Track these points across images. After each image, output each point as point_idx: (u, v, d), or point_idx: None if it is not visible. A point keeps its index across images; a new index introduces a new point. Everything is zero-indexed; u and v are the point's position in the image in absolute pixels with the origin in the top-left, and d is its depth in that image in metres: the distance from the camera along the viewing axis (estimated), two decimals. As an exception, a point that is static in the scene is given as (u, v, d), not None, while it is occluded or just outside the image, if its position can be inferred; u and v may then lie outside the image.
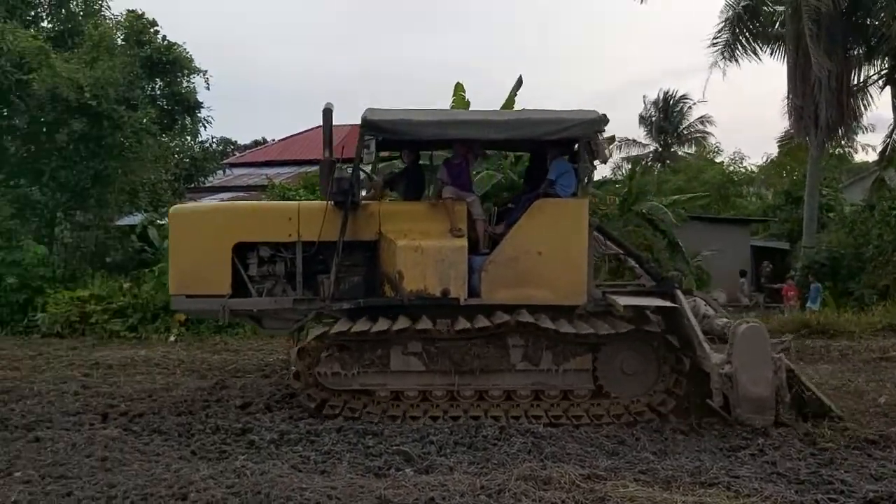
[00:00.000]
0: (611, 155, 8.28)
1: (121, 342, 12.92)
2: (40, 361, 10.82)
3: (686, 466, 5.76)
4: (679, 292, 7.65)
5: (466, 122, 7.91)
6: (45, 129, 14.67)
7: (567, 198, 7.68)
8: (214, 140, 19.11)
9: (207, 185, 20.03)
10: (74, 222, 15.39)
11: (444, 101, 15.11)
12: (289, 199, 15.18)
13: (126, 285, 13.70)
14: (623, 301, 7.33)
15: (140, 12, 15.54)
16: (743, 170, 39.98)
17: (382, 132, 7.49)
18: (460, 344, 7.33)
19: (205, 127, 17.23)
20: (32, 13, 16.73)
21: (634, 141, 42.66)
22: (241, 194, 23.00)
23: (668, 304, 7.45)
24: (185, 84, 15.84)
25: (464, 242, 7.50)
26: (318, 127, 31.05)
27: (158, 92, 15.91)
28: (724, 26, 22.36)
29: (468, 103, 14.96)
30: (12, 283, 13.24)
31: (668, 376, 7.36)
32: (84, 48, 14.83)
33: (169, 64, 15.38)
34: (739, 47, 22.48)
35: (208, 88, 16.48)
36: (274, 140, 38.63)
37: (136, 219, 17.22)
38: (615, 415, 7.26)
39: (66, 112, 13.67)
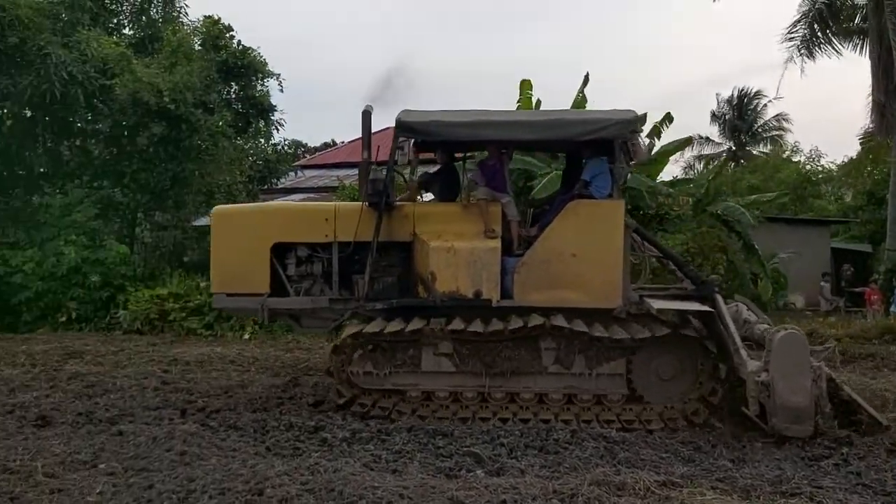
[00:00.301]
0: (649, 155, 7.84)
1: (197, 339, 13.31)
2: (122, 357, 11.21)
3: (766, 475, 5.60)
4: (718, 296, 7.45)
5: (499, 122, 7.77)
6: (126, 133, 15.22)
7: (602, 199, 7.57)
8: (286, 142, 19.50)
9: (279, 186, 20.44)
10: (154, 223, 15.92)
11: (511, 100, 15.02)
12: (355, 198, 15.32)
13: (202, 284, 14.07)
14: (658, 304, 7.24)
15: (216, 18, 16.01)
16: (820, 168, 38.63)
17: (416, 133, 7.54)
18: (491, 346, 7.30)
19: (277, 129, 17.64)
20: (115, 21, 17.38)
21: (707, 139, 41.70)
22: (311, 195, 23.40)
23: (704, 308, 7.26)
24: (258, 88, 16.23)
25: (497, 244, 7.44)
26: (386, 129, 31.53)
27: (233, 96, 16.32)
28: (801, 20, 21.63)
29: (536, 102, 14.87)
30: (96, 281, 13.76)
31: (704, 383, 7.20)
32: (163, 54, 15.32)
33: (244, 68, 15.77)
34: (817, 42, 21.72)
35: (281, 91, 16.90)
36: (343, 142, 39.19)
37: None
38: (646, 420, 7.15)
39: (147, 116, 14.14)
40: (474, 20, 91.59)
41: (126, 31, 17.63)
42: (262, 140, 17.75)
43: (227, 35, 15.89)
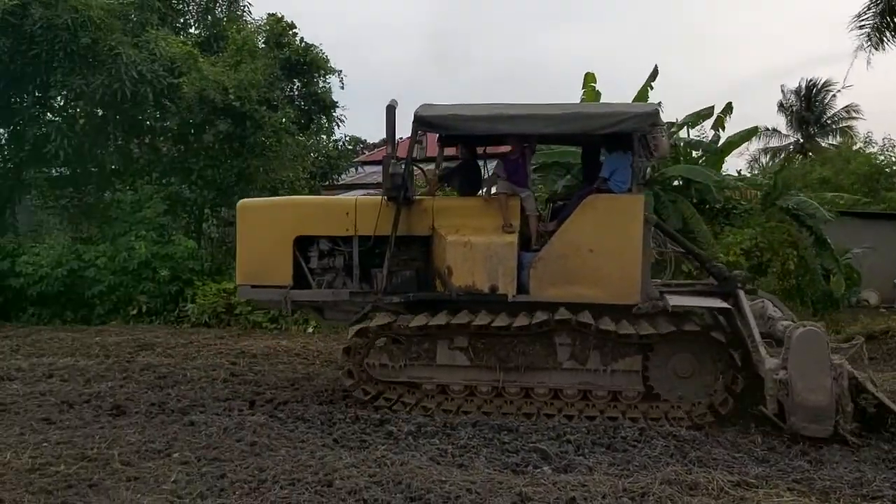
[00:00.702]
0: (670, 149, 7.58)
1: (263, 332, 13.54)
2: (191, 349, 11.47)
3: (845, 477, 5.41)
4: (741, 292, 7.27)
5: (517, 116, 7.59)
6: (192, 130, 15.56)
7: (621, 193, 7.43)
8: (347, 138, 19.66)
9: (340, 182, 20.64)
10: (220, 218, 16.24)
11: (575, 93, 14.86)
12: (424, 194, 15.36)
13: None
14: (675, 301, 7.08)
15: (280, 16, 16.25)
16: (895, 159, 37.14)
17: (434, 128, 7.61)
18: (506, 340, 7.28)
19: (338, 126, 17.81)
20: (181, 20, 17.80)
21: (775, 130, 40.54)
22: (371, 191, 23.57)
23: (720, 304, 7.09)
24: (321, 84, 16.43)
25: (513, 239, 7.38)
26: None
27: (296, 92, 16.56)
28: (871, 7, 20.75)
29: (599, 94, 14.67)
30: (165, 275, 14.11)
31: (721, 382, 7.03)
32: (228, 52, 15.62)
33: (306, 65, 15.97)
34: (888, 31, 20.81)
35: (342, 88, 17.08)
36: (402, 138, 39.28)
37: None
38: (657, 418, 7.03)
39: (213, 113, 14.43)
40: (538, 13, 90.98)
41: (192, 30, 18.03)
42: (324, 136, 17.96)
43: (291, 32, 16.12)
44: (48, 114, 15.54)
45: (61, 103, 15.59)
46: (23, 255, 14.73)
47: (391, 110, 7.51)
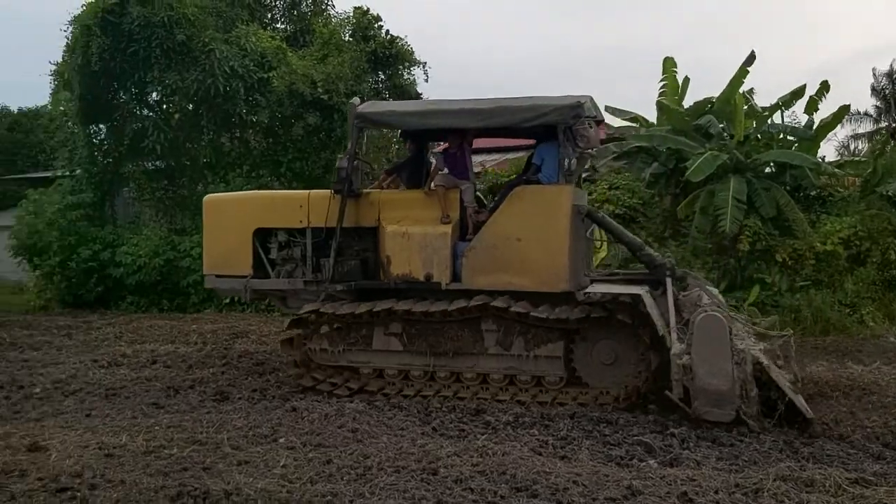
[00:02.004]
0: (598, 140, 7.89)
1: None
2: (285, 337, 11.72)
3: (971, 476, 5.13)
4: (669, 280, 7.28)
5: (445, 111, 7.90)
6: (281, 124, 15.86)
7: (549, 184, 7.58)
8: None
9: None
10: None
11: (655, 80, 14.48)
12: (500, 185, 15.31)
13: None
14: (592, 289, 7.25)
15: (365, 9, 16.36)
16: None
17: (372, 123, 8.09)
18: (436, 326, 7.58)
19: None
20: (269, 16, 18.17)
21: (865, 114, 38.68)
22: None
23: (630, 291, 7.14)
24: (405, 76, 16.50)
25: (447, 229, 7.64)
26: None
27: (381, 85, 16.69)
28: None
29: (682, 80, 14.29)
30: (256, 265, 14.43)
31: (644, 365, 7.16)
32: (315, 46, 15.87)
33: (391, 57, 16.08)
34: None
35: (427, 80, 17.14)
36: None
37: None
38: (581, 403, 7.18)
39: (302, 107, 14.70)
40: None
41: (279, 25, 18.38)
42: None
43: (376, 25, 16.25)
44: (145, 109, 16.11)
45: (157, 99, 16.14)
46: (122, 246, 15.36)
47: (353, 108, 7.90)
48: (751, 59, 13.50)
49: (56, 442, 6.05)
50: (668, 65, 14.42)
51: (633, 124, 15.06)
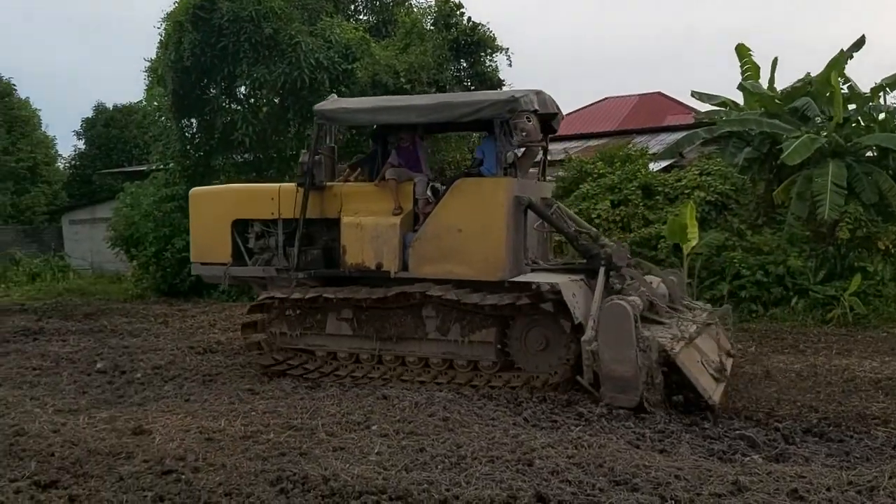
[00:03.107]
0: (538, 133, 7.75)
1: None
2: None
3: None
4: (602, 269, 7.43)
5: (391, 107, 8.35)
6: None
7: (490, 176, 7.84)
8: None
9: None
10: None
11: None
12: (585, 172, 15.07)
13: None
14: (520, 278, 7.46)
15: (447, -3, 16.28)
16: None
17: (327, 119, 8.36)
18: (382, 312, 7.96)
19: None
20: (352, 7, 18.31)
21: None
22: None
23: (552, 280, 7.23)
24: (488, 63, 16.37)
25: (397, 220, 7.97)
26: (603, 100, 30.75)
27: (463, 73, 16.60)
28: None
29: (771, 63, 13.79)
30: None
31: (568, 354, 7.25)
32: (398, 35, 15.90)
33: (473, 45, 15.96)
34: None
35: (510, 65, 16.92)
36: (559, 115, 38.61)
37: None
38: (512, 386, 7.39)
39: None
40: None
41: (361, 16, 18.51)
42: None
43: (458, 12, 16.15)
44: (233, 103, 16.48)
45: (245, 92, 16.48)
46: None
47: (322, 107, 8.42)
48: (859, 43, 12.88)
49: (159, 425, 6.25)
50: (743, 51, 13.97)
51: (721, 108, 14.60)
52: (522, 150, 8.11)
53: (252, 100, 16.48)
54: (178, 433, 6.04)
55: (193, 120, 16.58)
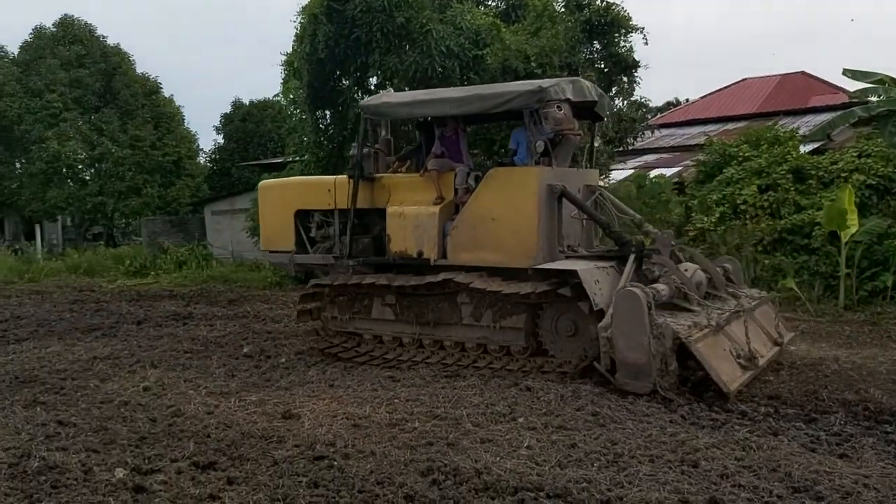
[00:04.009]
0: (568, 122, 7.76)
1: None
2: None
3: None
4: (632, 257, 7.42)
5: (427, 101, 8.54)
6: (494, 101, 15.76)
7: (522, 165, 8.06)
8: (642, 100, 18.72)
9: (632, 147, 19.81)
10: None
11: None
12: (729, 156, 14.24)
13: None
14: (546, 265, 7.49)
15: (580, -23, 15.76)
16: None
17: (371, 114, 8.68)
18: (422, 299, 8.24)
19: (637, 87, 16.98)
20: (481, -7, 18.08)
21: None
22: (664, 156, 22.46)
23: (569, 267, 7.26)
24: (622, 44, 15.76)
25: (436, 210, 8.20)
26: (741, 80, 29.25)
27: (597, 55, 16.06)
28: None
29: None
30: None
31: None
32: (528, 19, 15.54)
33: (607, 25, 15.39)
34: None
35: (646, 44, 16.21)
36: (687, 100, 37.27)
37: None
38: (544, 371, 7.41)
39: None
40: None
41: (490, 2, 18.26)
42: (624, 99, 17.23)
43: (592, -8, 15.61)
44: (365, 94, 16.67)
45: (376, 83, 16.62)
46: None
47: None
48: None
49: (306, 410, 6.31)
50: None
51: (878, 85, 13.41)
52: (554, 138, 8.01)
53: (382, 90, 16.59)
54: (325, 419, 6.06)
55: (327, 112, 16.87)
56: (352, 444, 5.36)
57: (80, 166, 28.00)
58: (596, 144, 9.18)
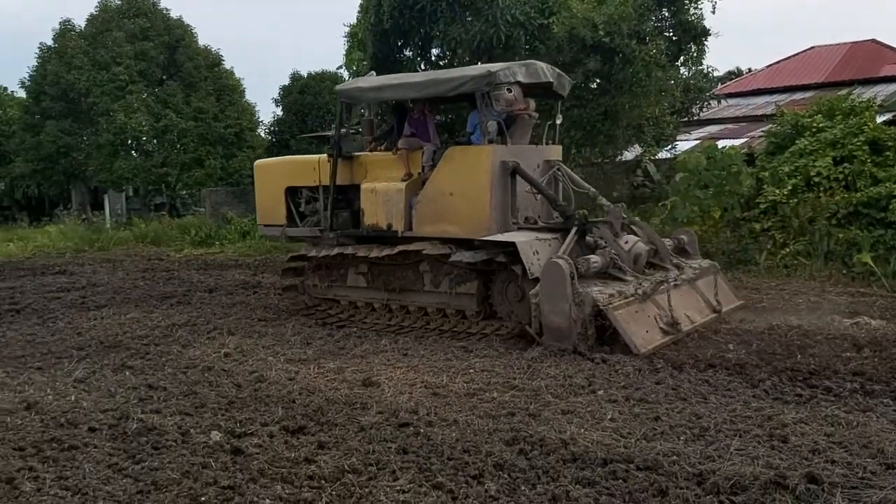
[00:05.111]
0: (519, 103, 8.35)
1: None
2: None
3: None
4: (574, 229, 8.04)
5: (392, 85, 9.20)
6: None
7: (478, 144, 8.66)
8: (709, 69, 18.25)
9: (695, 118, 19.37)
10: (584, 158, 16.17)
11: None
12: (802, 127, 13.82)
13: (634, 219, 13.96)
14: (488, 237, 8.04)
15: (648, -59, 15.32)
16: None
17: (345, 98, 9.44)
18: (389, 268, 8.94)
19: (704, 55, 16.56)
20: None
21: None
22: (729, 126, 21.93)
23: (505, 239, 7.87)
24: (691, 11, 15.35)
25: (403, 186, 8.86)
26: (808, 49, 28.28)
27: (665, 22, 15.68)
28: None
29: None
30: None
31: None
32: (596, -13, 15.24)
33: (676, -9, 15.02)
34: None
35: (713, 13, 15.81)
36: (750, 70, 36.22)
37: (630, 154, 17.53)
38: (490, 333, 8.07)
39: (582, 51, 14.22)
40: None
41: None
42: (690, 67, 16.81)
43: (660, -41, 15.20)
44: (426, 65, 16.60)
45: (437, 53, 16.55)
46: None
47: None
48: None
49: (384, 378, 6.42)
50: None
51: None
52: (507, 118, 8.61)
53: (443, 61, 16.51)
54: (404, 387, 6.16)
55: (389, 82, 16.84)
56: (434, 413, 5.44)
57: (144, 138, 28.61)
58: (558, 122, 9.67)
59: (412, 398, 5.81)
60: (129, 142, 28.32)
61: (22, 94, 31.79)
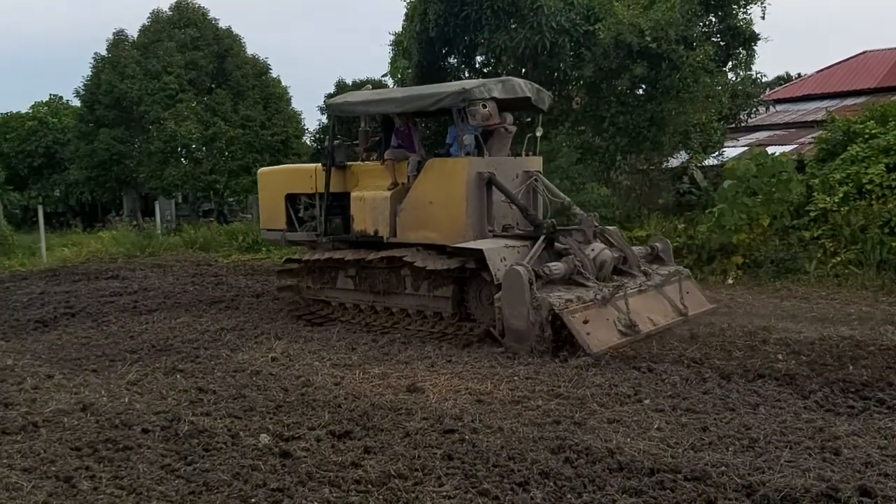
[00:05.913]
0: (494, 118, 8.76)
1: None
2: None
3: None
4: (542, 237, 8.41)
5: (376, 100, 9.76)
6: (604, 77, 15.42)
7: (456, 157, 9.02)
8: (758, 75, 17.94)
9: (742, 125, 19.06)
10: (630, 165, 16.02)
11: None
12: (854, 133, 13.53)
13: (680, 226, 13.81)
14: (460, 244, 8.42)
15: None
16: None
17: (336, 111, 10.11)
18: (374, 272, 9.44)
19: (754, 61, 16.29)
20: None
21: None
22: (778, 132, 21.54)
23: (475, 247, 8.22)
24: (740, 16, 15.13)
25: (388, 194, 9.37)
26: (860, 54, 27.64)
27: (713, 28, 15.47)
28: None
29: None
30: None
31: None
32: (642, -7, 15.12)
33: (725, -4, 14.81)
34: None
35: (763, 17, 15.52)
36: (799, 74, 35.54)
37: (676, 161, 17.30)
38: (472, 334, 8.35)
39: (628, 57, 14.11)
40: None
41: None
42: (739, 73, 16.55)
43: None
44: (472, 73, 16.65)
45: (482, 61, 16.59)
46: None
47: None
48: None
49: (429, 384, 6.46)
50: None
51: None
52: (483, 132, 9.11)
53: (488, 68, 16.55)
54: (448, 393, 6.19)
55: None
56: (479, 420, 5.46)
57: (193, 146, 29.20)
58: (538, 134, 10.00)
59: (457, 404, 5.84)
60: (179, 149, 28.92)
61: (77, 103, 32.67)
